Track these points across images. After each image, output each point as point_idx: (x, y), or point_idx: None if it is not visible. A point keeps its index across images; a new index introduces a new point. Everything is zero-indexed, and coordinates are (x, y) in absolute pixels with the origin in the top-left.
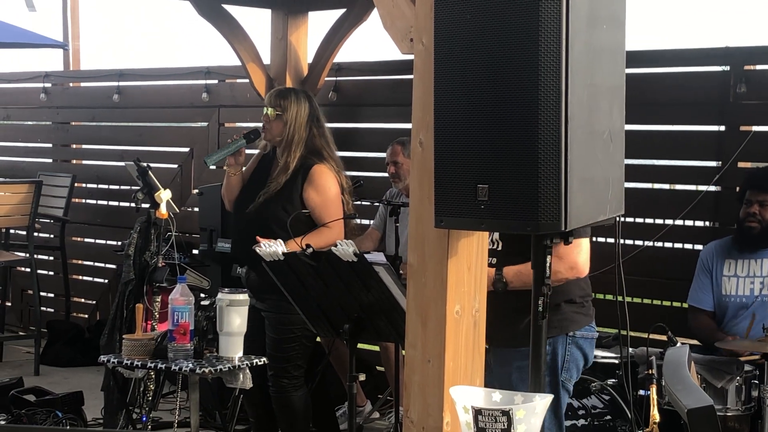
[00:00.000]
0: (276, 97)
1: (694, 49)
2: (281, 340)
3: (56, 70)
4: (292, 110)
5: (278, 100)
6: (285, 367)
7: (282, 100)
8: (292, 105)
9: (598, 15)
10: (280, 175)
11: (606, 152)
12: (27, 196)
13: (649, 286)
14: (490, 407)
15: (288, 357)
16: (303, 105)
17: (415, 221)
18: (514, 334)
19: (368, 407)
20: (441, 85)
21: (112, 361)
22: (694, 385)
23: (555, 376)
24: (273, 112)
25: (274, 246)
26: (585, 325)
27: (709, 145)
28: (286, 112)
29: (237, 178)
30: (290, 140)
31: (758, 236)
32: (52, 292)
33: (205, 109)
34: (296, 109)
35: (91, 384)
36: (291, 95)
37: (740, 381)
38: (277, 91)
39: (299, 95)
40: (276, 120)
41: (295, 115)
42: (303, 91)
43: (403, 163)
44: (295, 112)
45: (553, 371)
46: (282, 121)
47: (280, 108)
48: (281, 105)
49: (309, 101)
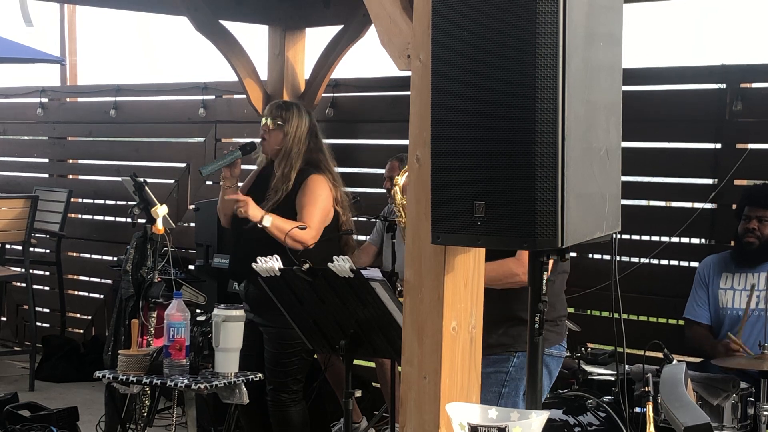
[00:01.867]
0: (277, 108)
1: (690, 66)
2: (281, 354)
3: (53, 85)
4: (293, 122)
5: (279, 111)
6: (284, 382)
7: (284, 112)
8: (294, 117)
9: (595, 32)
10: (280, 186)
11: (603, 169)
12: (23, 211)
13: (645, 304)
14: (486, 424)
15: (287, 371)
16: (304, 119)
17: (412, 237)
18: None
19: (364, 423)
20: (438, 101)
21: (107, 376)
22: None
23: (516, 389)
24: (273, 122)
25: (271, 262)
26: (555, 343)
27: (705, 163)
28: (287, 123)
29: (232, 192)
30: (289, 152)
31: (757, 251)
32: (48, 308)
33: (202, 124)
34: (297, 121)
35: (86, 399)
36: (293, 108)
37: (736, 399)
38: (278, 103)
39: (301, 109)
40: (275, 130)
41: (296, 127)
42: (304, 105)
43: None
44: (296, 124)
45: (516, 383)
46: (282, 133)
47: (281, 119)
48: (282, 116)
49: (309, 116)
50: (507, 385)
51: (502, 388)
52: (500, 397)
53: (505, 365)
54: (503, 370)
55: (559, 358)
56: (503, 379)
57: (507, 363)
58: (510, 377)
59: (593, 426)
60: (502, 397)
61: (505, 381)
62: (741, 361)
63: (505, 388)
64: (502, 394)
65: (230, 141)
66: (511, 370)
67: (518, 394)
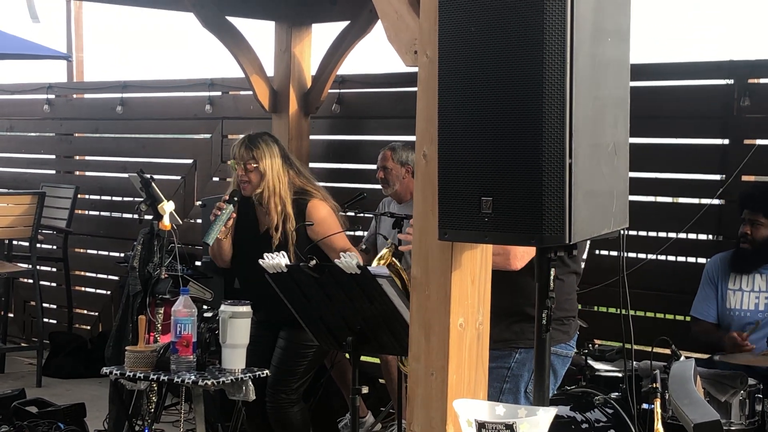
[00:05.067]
0: (247, 149)
1: (697, 62)
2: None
3: (60, 81)
4: (266, 159)
5: (250, 152)
6: (287, 380)
7: (254, 151)
8: (265, 153)
9: (603, 28)
10: (287, 227)
11: (610, 165)
12: (30, 208)
13: (653, 300)
14: (493, 420)
15: (293, 371)
16: (274, 149)
17: (419, 234)
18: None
19: (370, 419)
20: (445, 97)
21: (114, 372)
22: (700, 400)
23: (516, 385)
24: (249, 165)
25: (278, 258)
26: (561, 342)
27: (712, 159)
28: (261, 161)
29: (228, 241)
30: (274, 190)
31: (751, 257)
32: (55, 304)
33: (209, 120)
34: (269, 155)
35: (93, 396)
36: (260, 143)
37: (744, 395)
38: (245, 144)
39: (267, 140)
40: (253, 172)
41: (271, 162)
42: (266, 132)
43: (392, 168)
44: (269, 159)
45: (517, 380)
46: (259, 172)
47: (253, 160)
48: (254, 156)
49: (276, 142)
50: (508, 381)
51: (504, 384)
52: (501, 393)
53: (507, 361)
54: (505, 366)
55: (566, 357)
56: (505, 375)
57: (509, 358)
58: (512, 373)
59: (600, 422)
60: (503, 392)
61: (506, 376)
62: (748, 357)
63: (507, 384)
64: (504, 389)
65: (236, 137)
66: (512, 365)
67: (519, 390)
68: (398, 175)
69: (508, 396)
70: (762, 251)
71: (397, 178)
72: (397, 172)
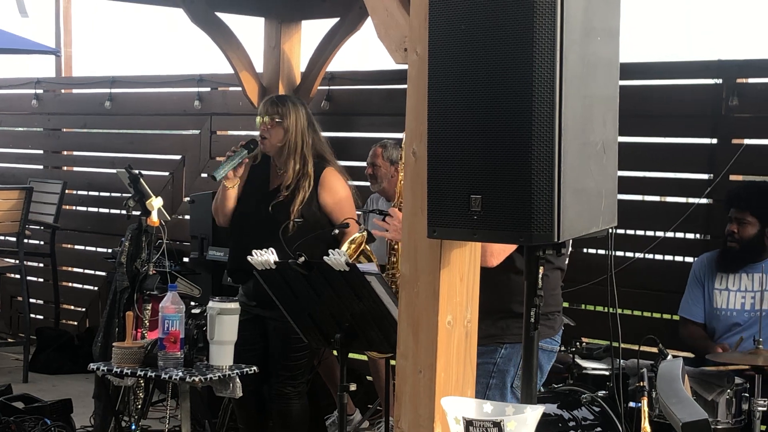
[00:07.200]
0: (272, 104)
1: (686, 61)
2: (292, 348)
3: (48, 76)
4: (291, 117)
5: (276, 107)
6: (293, 375)
7: (280, 107)
8: (291, 111)
9: (593, 27)
10: (302, 184)
11: (599, 164)
12: (17, 203)
13: (640, 298)
14: (481, 418)
15: (296, 365)
16: (300, 111)
17: (408, 231)
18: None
19: (357, 416)
20: (435, 95)
21: (101, 368)
22: (688, 399)
23: (503, 380)
24: (271, 119)
25: (266, 255)
26: (546, 336)
27: (700, 158)
28: (286, 118)
29: (234, 192)
30: (296, 148)
31: (738, 255)
32: (42, 299)
33: (197, 116)
34: (295, 115)
35: (80, 391)
36: (288, 102)
37: (731, 394)
38: (272, 99)
39: (295, 101)
40: (275, 128)
41: (295, 121)
42: (297, 97)
43: (381, 165)
44: (294, 118)
45: (503, 375)
46: (282, 128)
47: (278, 115)
48: (279, 112)
49: (304, 107)
50: (494, 377)
51: (490, 379)
52: (488, 389)
53: (493, 356)
54: (491, 362)
55: (551, 352)
56: (491, 370)
57: (494, 354)
58: (497, 368)
59: (588, 420)
60: (489, 388)
61: (492, 372)
62: (735, 357)
63: (493, 379)
64: (490, 385)
65: (225, 134)
66: (498, 361)
67: (506, 385)
68: (387, 173)
69: (494, 391)
70: (749, 250)
71: (385, 176)
72: (385, 170)
